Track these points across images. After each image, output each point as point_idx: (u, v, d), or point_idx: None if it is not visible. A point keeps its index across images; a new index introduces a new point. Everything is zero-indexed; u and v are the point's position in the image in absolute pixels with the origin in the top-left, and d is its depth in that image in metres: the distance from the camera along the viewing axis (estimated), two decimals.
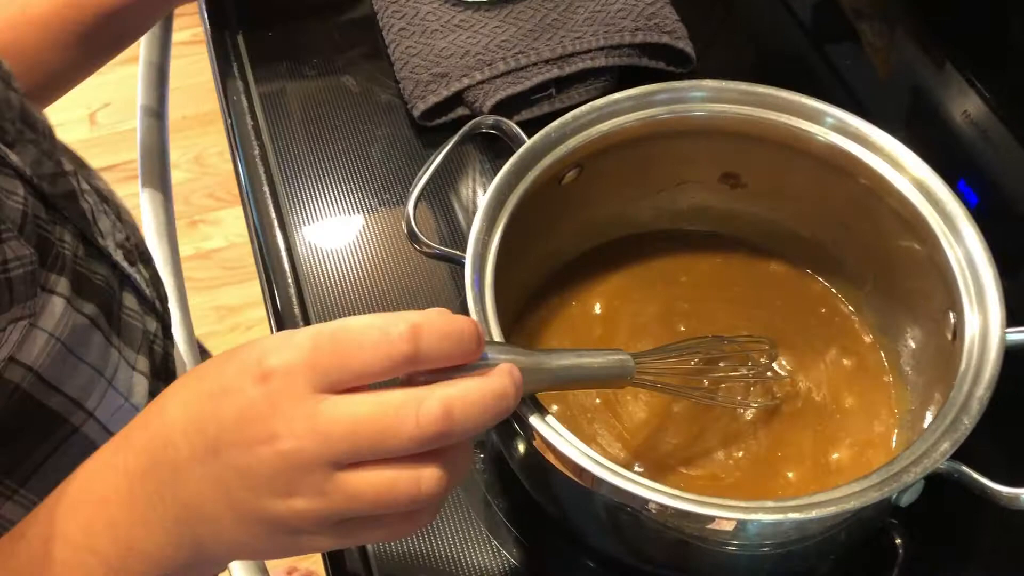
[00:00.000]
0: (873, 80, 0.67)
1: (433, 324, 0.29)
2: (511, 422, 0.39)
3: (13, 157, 0.40)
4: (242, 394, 0.29)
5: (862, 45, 0.69)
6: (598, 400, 0.47)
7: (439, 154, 0.45)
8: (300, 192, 0.58)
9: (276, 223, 0.57)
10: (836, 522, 0.38)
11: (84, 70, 0.56)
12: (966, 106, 0.64)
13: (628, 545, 0.41)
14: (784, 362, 0.48)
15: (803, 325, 0.50)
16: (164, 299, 0.53)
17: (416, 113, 0.59)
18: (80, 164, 0.50)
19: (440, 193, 0.58)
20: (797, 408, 0.47)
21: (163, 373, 0.50)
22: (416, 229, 0.43)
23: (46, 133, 0.45)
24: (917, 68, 0.69)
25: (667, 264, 0.53)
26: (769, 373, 0.47)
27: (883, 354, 0.48)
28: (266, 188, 0.59)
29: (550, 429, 0.36)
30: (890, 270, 0.47)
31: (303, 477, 0.28)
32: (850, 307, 0.50)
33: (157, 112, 0.67)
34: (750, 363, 0.46)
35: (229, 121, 0.62)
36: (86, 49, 0.54)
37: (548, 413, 0.37)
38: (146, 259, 0.52)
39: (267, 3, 0.69)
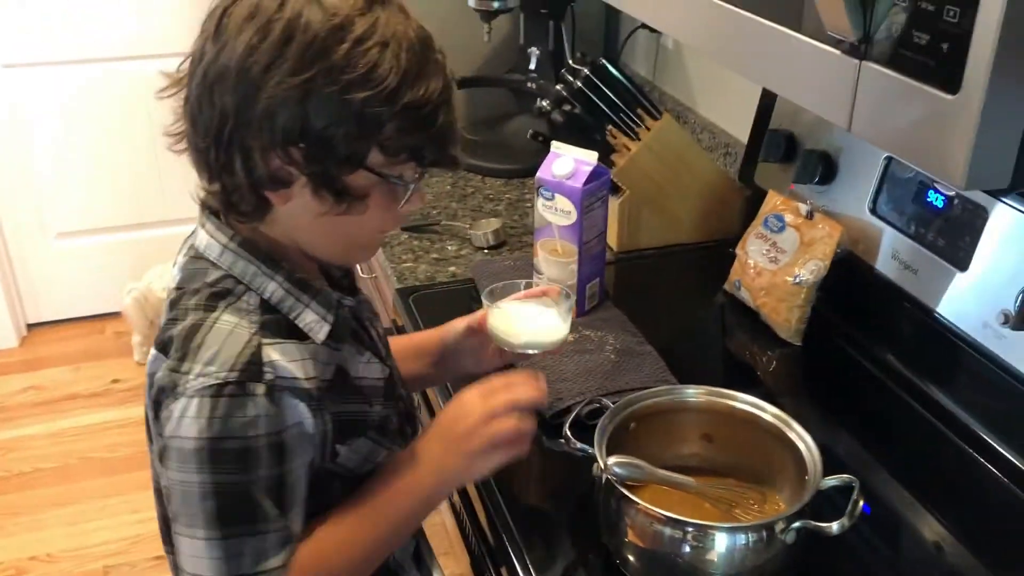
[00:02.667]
0: None
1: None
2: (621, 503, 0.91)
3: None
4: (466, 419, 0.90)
5: None
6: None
7: (574, 413, 1.02)
8: None
9: None
10: (755, 547, 0.87)
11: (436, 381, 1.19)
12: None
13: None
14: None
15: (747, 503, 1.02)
16: None
17: (546, 414, 1.16)
18: None
19: None
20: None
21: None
22: (571, 436, 0.98)
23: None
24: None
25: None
26: (753, 503, 0.99)
27: (779, 498, 1.00)
28: None
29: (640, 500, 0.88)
30: (783, 469, 1.00)
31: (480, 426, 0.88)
32: (768, 494, 1.02)
33: None
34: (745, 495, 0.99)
35: None
36: (440, 370, 1.14)
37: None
38: None
39: None
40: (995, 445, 1.09)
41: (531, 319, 1.06)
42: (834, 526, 0.87)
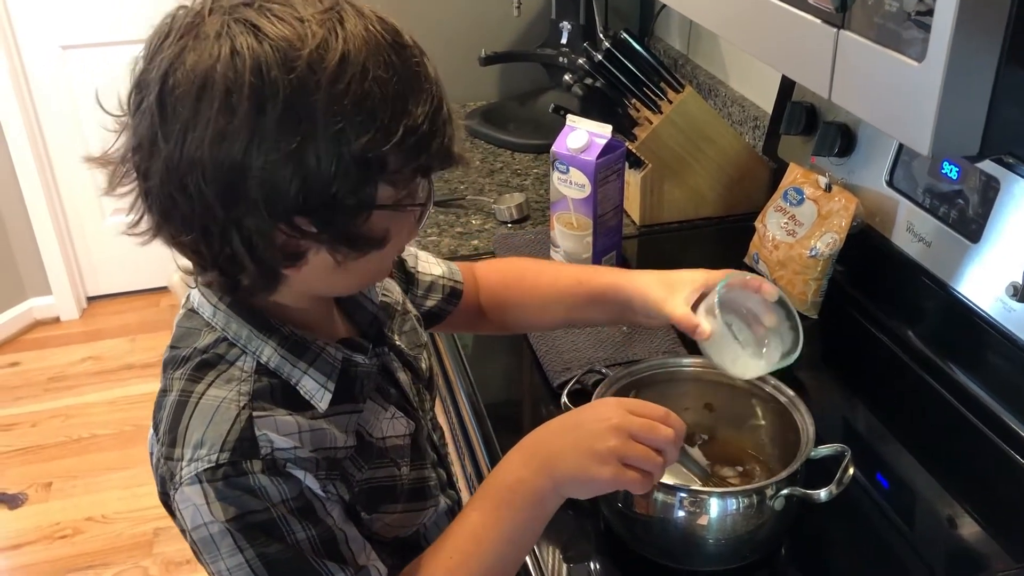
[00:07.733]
0: None
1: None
2: None
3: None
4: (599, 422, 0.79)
5: None
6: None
7: (573, 380, 1.03)
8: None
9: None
10: (745, 512, 0.88)
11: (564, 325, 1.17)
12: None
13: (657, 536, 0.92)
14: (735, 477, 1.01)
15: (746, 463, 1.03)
16: None
17: (554, 383, 1.18)
18: None
19: None
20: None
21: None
22: (570, 405, 1.00)
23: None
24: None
25: None
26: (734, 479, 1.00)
27: (775, 463, 1.01)
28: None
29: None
30: (780, 437, 1.01)
31: (615, 433, 0.77)
32: (764, 458, 1.03)
33: None
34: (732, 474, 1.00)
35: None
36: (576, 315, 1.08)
37: None
38: None
39: None
40: (1007, 420, 1.08)
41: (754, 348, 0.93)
42: (821, 493, 0.88)
